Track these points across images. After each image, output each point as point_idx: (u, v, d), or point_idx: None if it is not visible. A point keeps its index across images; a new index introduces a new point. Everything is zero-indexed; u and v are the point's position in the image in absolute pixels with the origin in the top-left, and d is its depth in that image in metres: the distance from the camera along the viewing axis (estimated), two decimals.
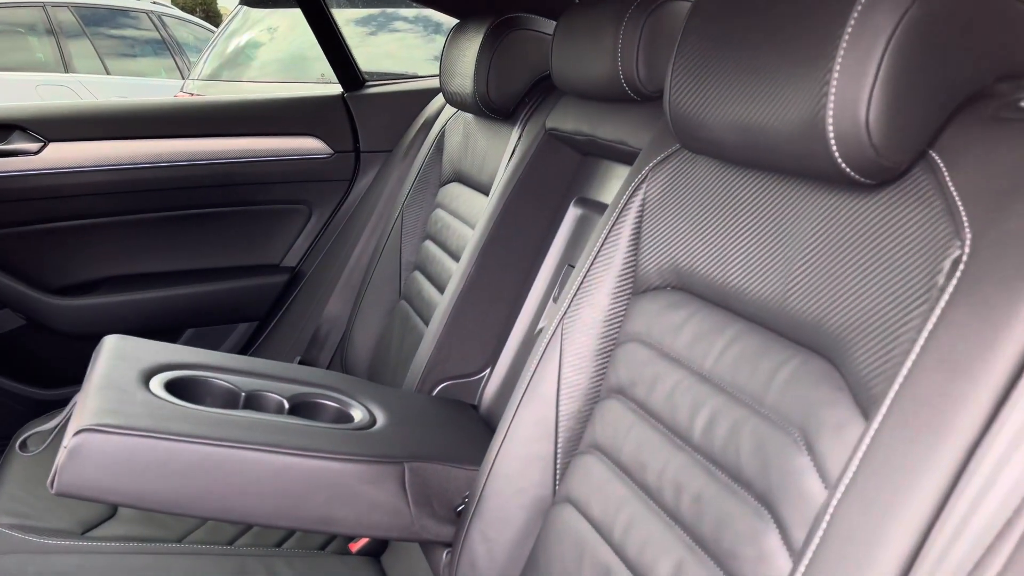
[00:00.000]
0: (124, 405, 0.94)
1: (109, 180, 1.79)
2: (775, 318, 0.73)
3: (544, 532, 0.94)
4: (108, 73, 5.93)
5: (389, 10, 4.46)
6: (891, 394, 0.55)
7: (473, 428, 1.22)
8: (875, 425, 0.56)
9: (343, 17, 4.36)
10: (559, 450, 0.97)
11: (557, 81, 1.21)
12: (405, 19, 4.50)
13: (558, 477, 0.97)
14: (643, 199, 0.95)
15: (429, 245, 1.67)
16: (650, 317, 0.89)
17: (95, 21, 6.21)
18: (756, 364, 0.73)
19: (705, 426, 0.76)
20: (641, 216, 0.95)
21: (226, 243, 1.94)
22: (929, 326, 0.54)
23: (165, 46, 6.65)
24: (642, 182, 0.95)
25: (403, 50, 4.54)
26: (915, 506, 0.50)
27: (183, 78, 6.04)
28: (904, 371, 0.55)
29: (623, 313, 0.95)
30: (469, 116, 1.67)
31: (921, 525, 0.50)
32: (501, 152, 1.47)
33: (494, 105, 1.43)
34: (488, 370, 1.35)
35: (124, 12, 6.59)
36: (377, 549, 1.37)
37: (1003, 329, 0.49)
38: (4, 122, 1.75)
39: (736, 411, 0.73)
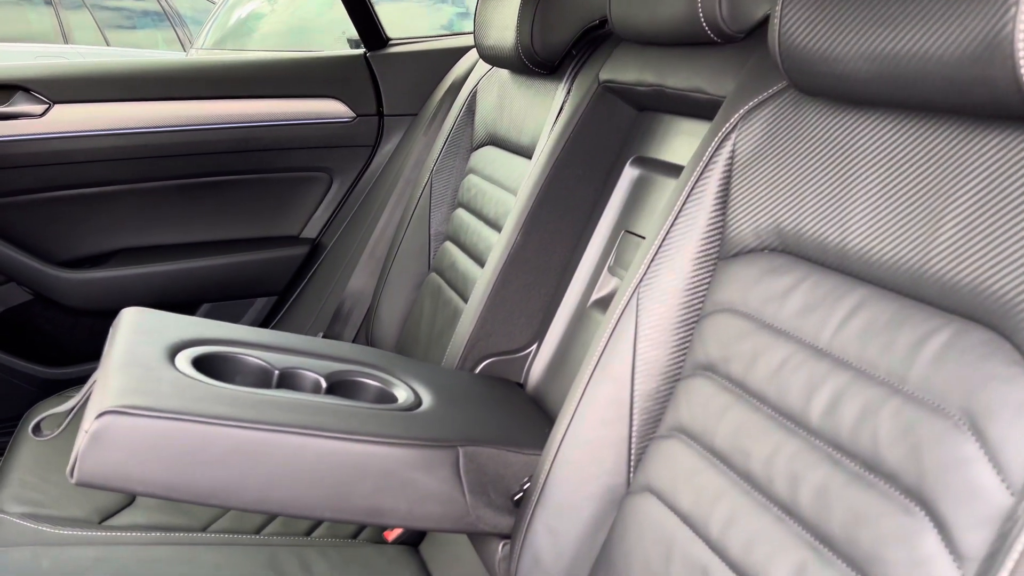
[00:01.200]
0: (150, 384, 0.84)
1: (119, 145, 1.68)
2: (913, 282, 0.63)
3: (620, 525, 0.84)
4: (108, 45, 5.80)
5: None
6: None
7: (525, 408, 1.12)
8: None
9: None
10: (634, 434, 0.87)
11: (616, 26, 1.10)
12: None
13: (633, 464, 0.87)
14: (732, 151, 0.84)
15: (462, 213, 1.56)
16: (745, 284, 0.79)
17: None
18: (892, 335, 0.63)
19: (827, 407, 0.66)
20: (730, 170, 0.84)
21: (242, 213, 1.84)
22: None
23: (164, 17, 6.50)
24: (731, 132, 0.85)
25: (406, 19, 4.40)
26: None
27: (184, 50, 5.91)
28: None
29: (708, 280, 0.85)
30: (504, 74, 1.55)
31: None
32: (544, 111, 1.36)
33: (538, 58, 1.32)
34: (535, 346, 1.25)
35: None
36: (415, 538, 1.27)
37: None
38: (6, 83, 1.64)
39: (869, 390, 0.63)
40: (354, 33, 1.90)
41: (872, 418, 0.62)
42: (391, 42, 1.91)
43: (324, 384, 1.01)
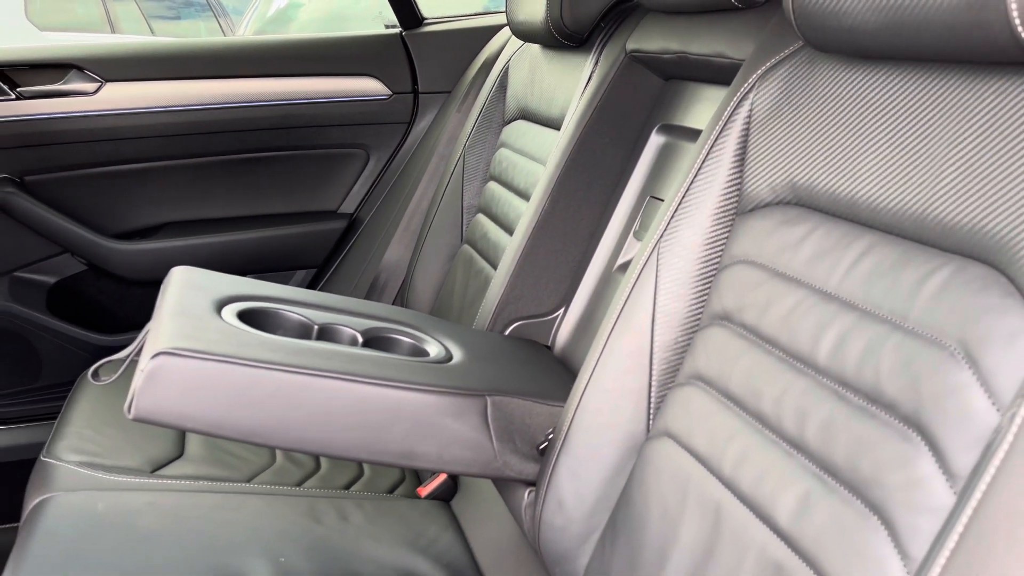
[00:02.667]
0: (200, 331, 0.90)
1: (167, 122, 1.76)
2: (917, 226, 0.66)
3: (639, 469, 0.88)
4: (153, 35, 5.94)
5: None
6: None
7: (551, 366, 1.16)
8: None
9: None
10: (654, 382, 0.91)
11: None
12: None
13: (653, 411, 0.91)
14: (750, 110, 0.88)
15: (493, 186, 1.61)
16: (760, 236, 0.82)
17: None
18: (896, 276, 0.66)
19: (833, 347, 0.69)
20: (747, 129, 0.88)
21: (283, 188, 1.90)
22: None
23: (207, 7, 6.63)
24: (748, 92, 0.88)
25: (434, 4, 4.45)
26: None
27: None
28: None
29: (726, 235, 0.89)
30: (535, 50, 1.59)
31: None
32: (573, 84, 1.40)
33: (568, 31, 1.36)
34: (562, 309, 1.29)
35: None
36: (446, 494, 1.33)
37: None
38: (60, 61, 1.72)
39: (872, 328, 0.66)
40: (391, 18, 1.95)
41: (875, 353, 0.65)
42: (426, 21, 1.96)
43: (360, 339, 1.07)
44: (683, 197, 0.91)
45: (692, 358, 0.87)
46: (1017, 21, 0.54)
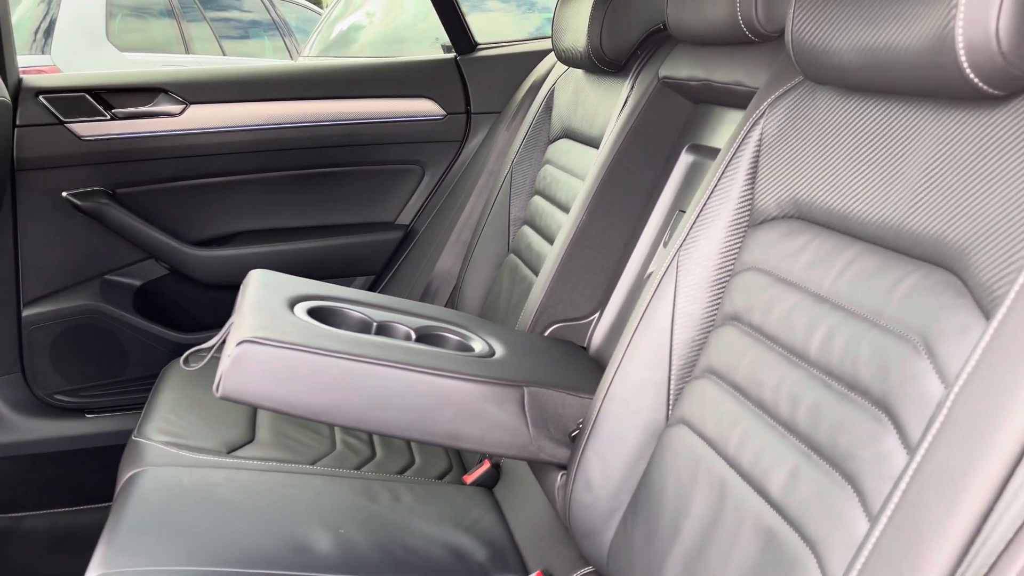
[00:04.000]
0: (276, 324, 1.04)
1: (243, 140, 1.93)
2: (896, 237, 0.75)
3: (658, 452, 0.99)
4: (224, 54, 6.23)
5: None
6: (1012, 293, 0.58)
7: (584, 363, 1.27)
8: (995, 323, 0.58)
9: None
10: (672, 376, 1.01)
11: (673, 29, 1.25)
12: None
13: (672, 401, 1.01)
14: (760, 135, 0.98)
15: (538, 200, 1.73)
16: (767, 246, 0.93)
17: (211, 5, 6.53)
18: (876, 281, 0.76)
19: (822, 342, 0.79)
20: (759, 151, 0.98)
21: (345, 201, 2.06)
22: None
23: (274, 27, 6.93)
24: (760, 118, 0.98)
25: (495, 28, 4.62)
26: None
27: (291, 58, 6.30)
28: None
29: (739, 245, 0.99)
30: (579, 73, 1.71)
31: None
32: (611, 106, 1.51)
33: (607, 58, 1.48)
34: (598, 314, 1.40)
35: None
36: (489, 482, 1.45)
37: None
38: (151, 85, 1.91)
39: (854, 325, 0.76)
40: (447, 40, 2.10)
41: (855, 347, 0.75)
42: (479, 46, 2.10)
43: (413, 335, 1.20)
44: (700, 211, 1.01)
45: (706, 354, 0.98)
46: (966, 64, 0.64)
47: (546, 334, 1.41)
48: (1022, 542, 0.49)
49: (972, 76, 0.63)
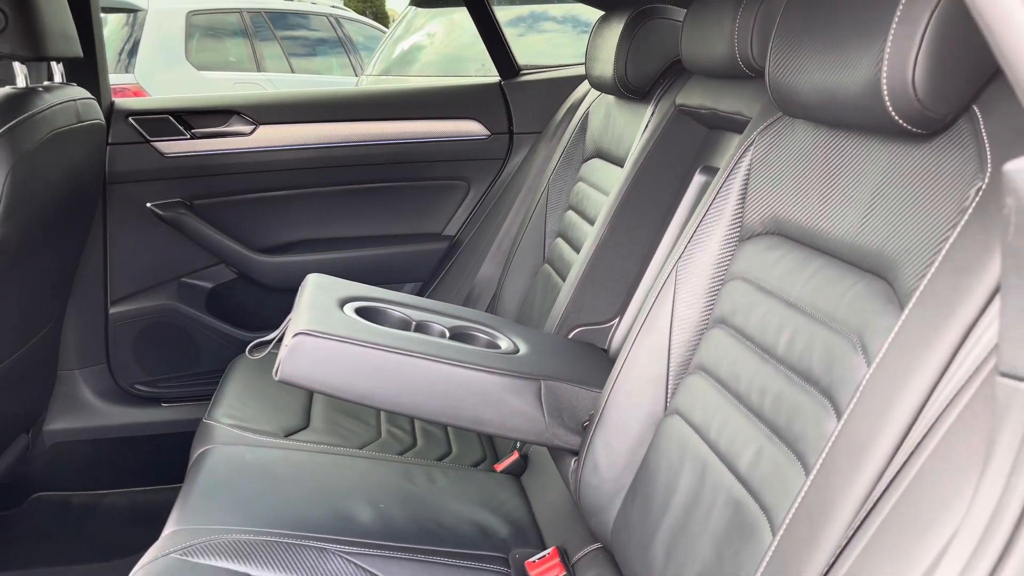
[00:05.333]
0: (327, 319, 1.21)
1: (305, 157, 2.13)
2: (849, 251, 0.88)
3: (655, 440, 1.12)
4: (293, 72, 6.54)
5: (538, 9, 4.71)
6: (917, 292, 0.70)
7: (599, 361, 1.41)
8: (903, 316, 0.71)
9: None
10: (670, 373, 1.14)
11: (686, 62, 1.38)
12: (554, 19, 4.73)
13: (669, 396, 1.14)
14: (750, 160, 1.11)
15: (571, 214, 1.87)
16: (752, 258, 1.05)
17: (281, 24, 6.87)
18: (832, 289, 0.88)
19: (787, 341, 0.92)
20: (748, 174, 1.11)
21: (397, 214, 2.24)
22: (952, 237, 0.69)
23: (340, 45, 7.23)
24: (750, 146, 1.11)
25: (552, 49, 4.78)
26: (926, 372, 0.65)
27: (356, 75, 6.58)
28: (930, 273, 0.69)
29: (730, 257, 1.12)
30: (611, 98, 1.85)
31: (930, 382, 0.64)
32: (636, 128, 1.65)
33: (631, 86, 1.62)
34: (617, 319, 1.54)
35: (304, 15, 7.24)
36: (517, 470, 1.59)
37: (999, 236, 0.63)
38: (225, 108, 2.12)
39: (813, 327, 0.88)
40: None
41: (812, 345, 0.87)
42: (521, 72, 2.26)
43: (447, 333, 1.35)
44: (697, 227, 1.14)
45: (699, 353, 1.11)
46: (890, 107, 0.76)
47: (570, 336, 1.55)
48: (910, 492, 0.61)
49: (896, 117, 0.76)
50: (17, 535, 1.95)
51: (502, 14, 4.90)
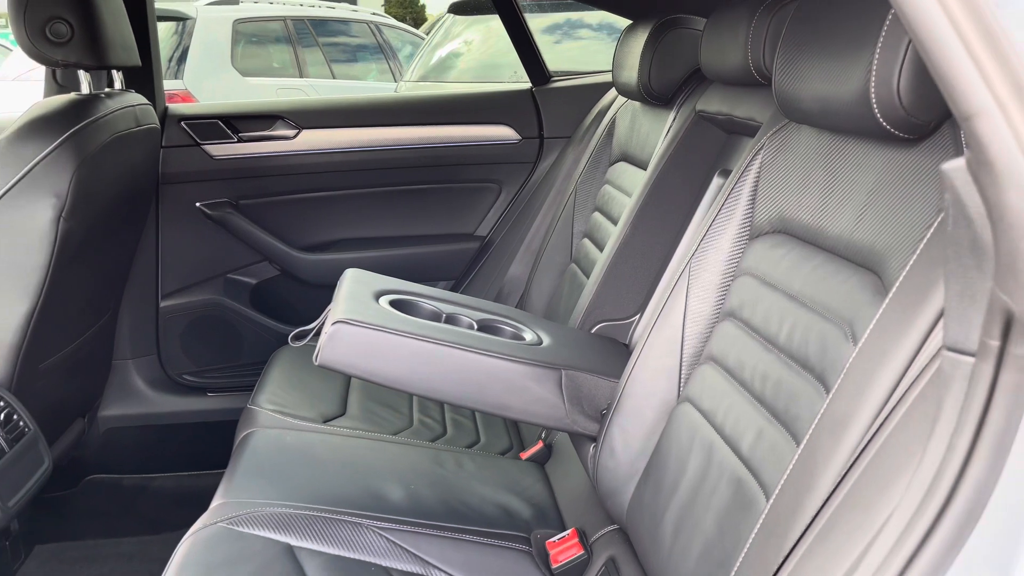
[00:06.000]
0: (363, 310, 1.30)
1: (344, 160, 2.23)
2: (845, 247, 0.94)
3: (668, 426, 1.19)
4: (334, 77, 6.70)
5: (574, 17, 4.78)
6: (897, 283, 0.77)
7: (619, 354, 1.48)
8: (884, 303, 0.77)
9: (532, 26, 4.76)
10: (683, 363, 1.21)
11: (704, 70, 1.45)
12: (589, 26, 4.80)
13: (681, 385, 1.21)
14: (760, 163, 1.18)
15: (597, 216, 1.95)
16: (759, 255, 1.12)
17: (323, 30, 7.04)
18: (829, 282, 0.95)
19: (788, 331, 0.98)
20: (759, 177, 1.18)
21: (431, 214, 2.33)
22: (928, 235, 0.75)
23: (379, 51, 7.38)
24: (760, 149, 1.18)
25: (586, 55, 4.86)
26: (900, 354, 0.72)
27: (394, 80, 6.72)
28: (908, 265, 0.76)
29: (741, 255, 1.18)
30: (636, 104, 1.92)
31: (904, 363, 0.71)
32: (659, 133, 1.72)
33: (654, 92, 1.69)
34: (638, 315, 1.61)
35: (346, 22, 7.41)
36: (542, 458, 1.67)
37: None
38: (269, 113, 2.23)
39: (810, 318, 0.95)
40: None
41: (808, 335, 0.94)
42: (552, 79, 2.34)
43: (475, 325, 1.44)
44: (710, 226, 1.21)
45: (709, 344, 1.17)
46: (879, 114, 0.83)
47: (592, 331, 1.63)
48: (875, 459, 0.68)
49: (884, 123, 0.82)
50: (73, 513, 2.08)
51: (539, 21, 4.99)
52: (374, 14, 7.72)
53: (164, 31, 5.95)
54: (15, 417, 1.53)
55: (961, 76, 0.48)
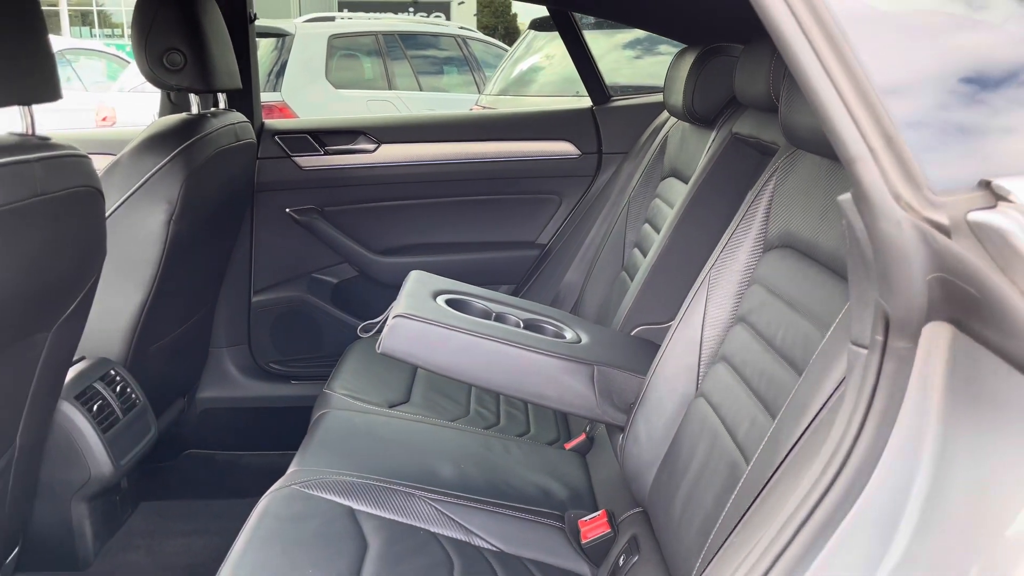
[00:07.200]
0: (422, 306, 1.49)
1: (419, 172, 2.44)
2: (833, 262, 1.07)
3: (685, 418, 1.32)
4: (421, 89, 7.00)
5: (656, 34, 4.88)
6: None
7: (650, 354, 1.61)
8: (845, 308, 0.90)
9: (612, 42, 4.90)
10: (701, 362, 1.35)
11: (738, 95, 1.58)
12: (668, 42, 4.90)
13: (699, 382, 1.35)
14: (775, 183, 1.30)
15: (646, 227, 2.09)
16: (769, 266, 1.25)
17: (412, 44, 7.36)
18: (820, 292, 1.07)
19: (783, 335, 1.11)
20: (772, 196, 1.30)
21: (496, 223, 2.51)
22: None
23: (465, 63, 7.66)
24: (775, 171, 1.31)
25: (665, 70, 4.95)
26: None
27: (479, 92, 6.98)
28: None
29: (755, 265, 1.31)
30: (685, 124, 2.06)
31: None
32: (702, 152, 1.85)
33: (698, 115, 1.82)
34: (676, 320, 1.74)
35: (434, 36, 7.71)
36: (584, 449, 1.82)
37: None
38: (352, 129, 2.46)
39: (800, 322, 1.08)
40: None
41: (800, 338, 1.07)
42: (612, 98, 2.49)
43: (521, 324, 1.60)
44: (728, 239, 1.35)
45: (723, 346, 1.31)
46: None
47: (632, 333, 1.77)
48: (810, 438, 0.81)
49: None
50: (172, 482, 2.34)
51: (619, 37, 5.13)
52: (461, 28, 8.01)
53: (265, 47, 6.37)
54: (128, 390, 1.79)
55: (843, 129, 0.61)
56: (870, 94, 0.60)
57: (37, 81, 1.08)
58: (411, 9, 16.67)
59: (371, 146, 2.45)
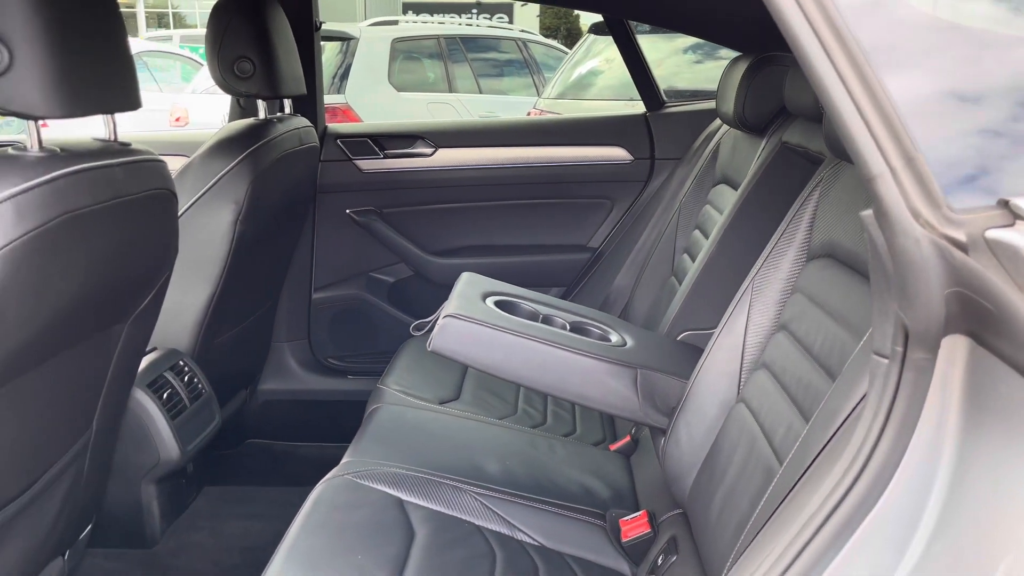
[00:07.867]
0: (471, 308, 1.54)
1: (474, 176, 2.50)
2: (866, 269, 1.08)
3: (725, 423, 1.35)
4: (481, 92, 7.09)
5: None
6: None
7: (693, 359, 1.64)
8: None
9: (672, 46, 4.90)
10: (743, 369, 1.37)
11: (787, 104, 1.59)
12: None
13: (740, 388, 1.37)
14: (819, 193, 1.32)
15: (697, 233, 2.10)
16: (811, 275, 1.27)
17: (473, 47, 7.46)
18: (854, 300, 1.09)
19: (821, 343, 1.13)
20: (817, 205, 1.32)
21: (549, 226, 2.56)
22: None
23: (525, 66, 7.72)
24: (820, 181, 1.32)
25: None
26: None
27: (537, 95, 7.03)
28: None
29: (798, 274, 1.33)
30: (737, 131, 2.07)
31: None
32: (752, 160, 1.86)
33: (749, 123, 1.83)
34: (719, 327, 1.76)
35: (495, 39, 7.80)
36: (628, 451, 1.85)
37: None
38: (410, 133, 2.54)
39: (838, 331, 1.10)
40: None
41: (838, 347, 1.09)
42: (666, 105, 2.51)
43: (568, 326, 1.65)
44: (772, 248, 1.37)
45: (765, 353, 1.33)
46: None
47: (679, 338, 1.79)
48: (835, 445, 0.83)
49: None
50: (234, 469, 2.46)
51: (679, 41, 5.12)
52: (522, 31, 8.07)
53: (330, 50, 6.54)
54: (195, 380, 1.89)
55: (864, 148, 0.64)
56: (891, 116, 0.63)
57: (119, 91, 1.17)
58: (474, 10, 16.83)
59: (428, 150, 2.52)
